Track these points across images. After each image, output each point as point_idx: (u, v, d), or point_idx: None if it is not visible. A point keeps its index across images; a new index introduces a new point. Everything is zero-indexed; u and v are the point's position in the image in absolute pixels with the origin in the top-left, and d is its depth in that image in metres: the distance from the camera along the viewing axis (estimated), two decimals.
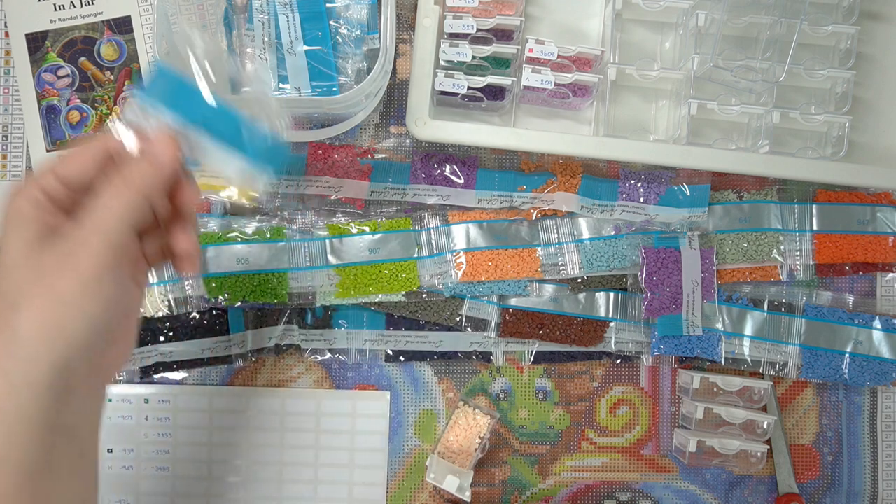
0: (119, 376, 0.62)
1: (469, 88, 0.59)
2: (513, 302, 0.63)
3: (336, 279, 0.62)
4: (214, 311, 0.62)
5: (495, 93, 0.61)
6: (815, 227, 0.63)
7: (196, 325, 0.62)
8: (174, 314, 0.61)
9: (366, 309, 0.63)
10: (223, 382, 0.64)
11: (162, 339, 0.62)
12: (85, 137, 0.64)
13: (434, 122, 0.58)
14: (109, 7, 0.64)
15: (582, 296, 0.63)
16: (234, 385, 0.64)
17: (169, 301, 0.61)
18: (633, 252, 0.62)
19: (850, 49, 0.60)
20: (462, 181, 0.63)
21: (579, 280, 0.63)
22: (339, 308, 0.63)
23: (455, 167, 0.63)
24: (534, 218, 0.63)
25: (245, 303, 0.61)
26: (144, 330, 0.62)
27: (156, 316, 0.61)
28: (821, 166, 0.59)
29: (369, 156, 0.63)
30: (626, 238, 0.63)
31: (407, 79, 0.62)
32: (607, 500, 0.64)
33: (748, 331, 0.63)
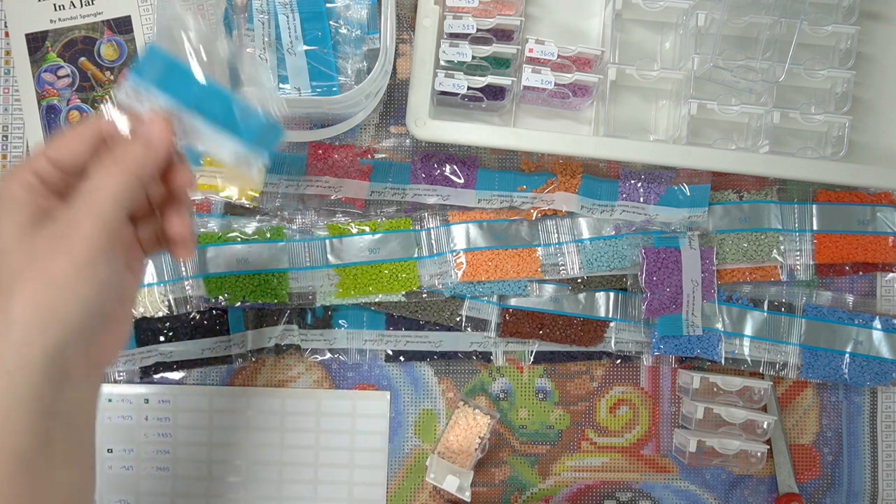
0: (119, 376, 0.62)
1: (469, 88, 0.59)
2: (513, 302, 0.63)
3: (336, 279, 0.62)
4: (214, 311, 0.62)
5: (495, 93, 0.61)
6: (815, 227, 0.63)
7: (196, 325, 0.62)
8: (174, 314, 0.61)
9: (366, 309, 0.63)
10: (223, 382, 0.64)
11: (162, 339, 0.62)
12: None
13: (434, 122, 0.58)
14: (109, 7, 0.64)
15: (582, 296, 0.63)
16: (234, 385, 0.64)
17: (169, 301, 0.61)
18: (633, 252, 0.62)
19: (850, 49, 0.60)
20: (462, 181, 0.63)
21: (579, 280, 0.63)
22: (339, 308, 0.63)
23: (455, 167, 0.63)
24: (534, 218, 0.63)
25: (245, 303, 0.61)
26: (144, 330, 0.62)
27: (156, 316, 0.61)
28: (821, 166, 0.59)
29: (369, 156, 0.63)
30: (626, 238, 0.63)
31: (407, 79, 0.62)
32: (607, 500, 0.64)
33: (748, 331, 0.63)
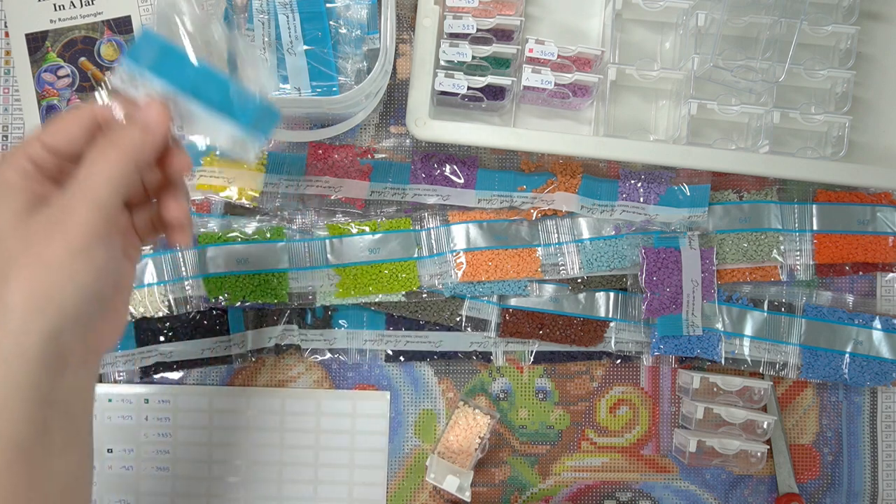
0: (119, 376, 0.62)
1: (469, 88, 0.59)
2: (513, 302, 0.63)
3: (336, 279, 0.62)
4: (214, 311, 0.62)
5: (495, 93, 0.61)
6: (815, 227, 0.63)
7: (196, 325, 0.62)
8: (174, 314, 0.61)
9: (366, 309, 0.63)
10: (223, 382, 0.64)
11: (162, 339, 0.62)
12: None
13: (434, 122, 0.58)
14: (109, 7, 0.64)
15: (582, 296, 0.63)
16: (234, 385, 0.64)
17: (169, 301, 0.61)
18: (633, 252, 0.62)
19: (850, 49, 0.60)
20: (462, 181, 0.63)
21: (579, 280, 0.63)
22: (339, 308, 0.63)
23: (455, 167, 0.63)
24: (534, 218, 0.63)
25: (245, 303, 0.61)
26: (144, 330, 0.62)
27: (156, 316, 0.61)
28: (821, 166, 0.59)
29: (369, 156, 0.63)
30: (626, 238, 0.63)
31: (407, 79, 0.62)
32: (607, 500, 0.64)
33: (748, 331, 0.63)
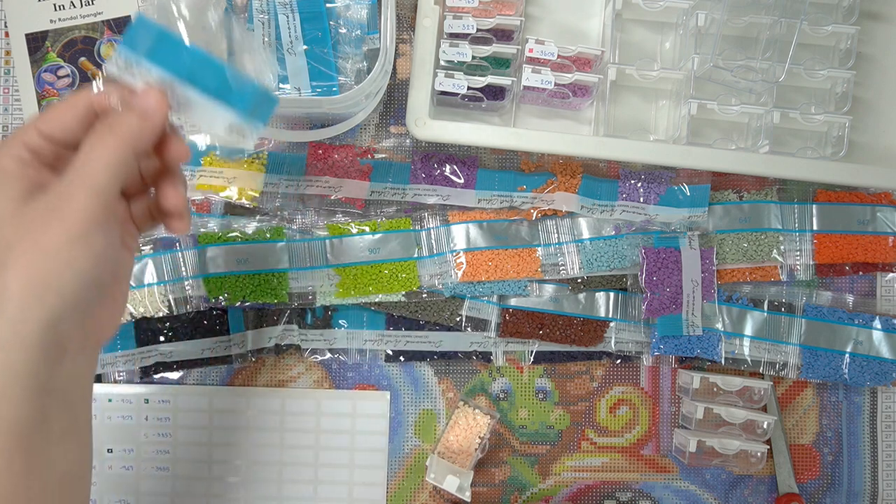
0: (119, 376, 0.62)
1: (469, 88, 0.59)
2: (513, 302, 0.63)
3: (336, 279, 0.62)
4: (214, 311, 0.62)
5: (495, 93, 0.61)
6: (815, 227, 0.63)
7: (196, 325, 0.62)
8: (174, 314, 0.61)
9: (366, 309, 0.63)
10: (223, 382, 0.64)
11: (162, 339, 0.62)
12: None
13: (434, 122, 0.58)
14: (109, 7, 0.64)
15: (582, 296, 0.63)
16: (234, 385, 0.64)
17: (169, 301, 0.61)
18: (633, 252, 0.62)
19: (850, 49, 0.60)
20: (462, 181, 0.63)
21: (579, 280, 0.63)
22: (339, 308, 0.63)
23: (455, 167, 0.63)
24: (534, 218, 0.63)
25: (245, 303, 0.61)
26: (144, 330, 0.62)
27: (156, 316, 0.61)
28: (821, 166, 0.59)
29: (369, 156, 0.63)
30: (626, 238, 0.63)
31: (407, 79, 0.62)
32: (607, 500, 0.64)
33: (748, 331, 0.63)
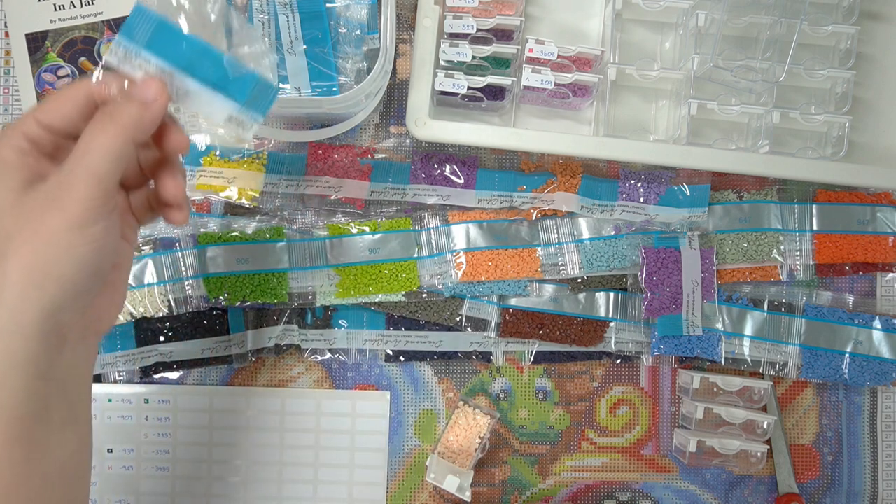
0: (119, 376, 0.62)
1: (469, 88, 0.59)
2: (513, 302, 0.63)
3: (336, 279, 0.62)
4: (214, 311, 0.62)
5: (495, 93, 0.61)
6: (815, 227, 0.63)
7: (196, 325, 0.62)
8: (174, 314, 0.61)
9: (366, 309, 0.63)
10: (223, 382, 0.64)
11: (162, 339, 0.62)
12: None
13: (434, 122, 0.58)
14: (109, 7, 0.64)
15: (582, 296, 0.63)
16: (234, 385, 0.64)
17: (169, 301, 0.61)
18: (633, 252, 0.62)
19: (850, 49, 0.60)
20: (462, 181, 0.63)
21: (579, 280, 0.63)
22: (339, 308, 0.63)
23: (455, 167, 0.63)
24: (534, 218, 0.63)
25: (245, 303, 0.61)
26: (144, 330, 0.62)
27: (156, 316, 0.61)
28: (821, 166, 0.59)
29: (369, 156, 0.63)
30: (626, 238, 0.63)
31: (407, 79, 0.62)
32: (607, 500, 0.64)
33: (748, 331, 0.63)
